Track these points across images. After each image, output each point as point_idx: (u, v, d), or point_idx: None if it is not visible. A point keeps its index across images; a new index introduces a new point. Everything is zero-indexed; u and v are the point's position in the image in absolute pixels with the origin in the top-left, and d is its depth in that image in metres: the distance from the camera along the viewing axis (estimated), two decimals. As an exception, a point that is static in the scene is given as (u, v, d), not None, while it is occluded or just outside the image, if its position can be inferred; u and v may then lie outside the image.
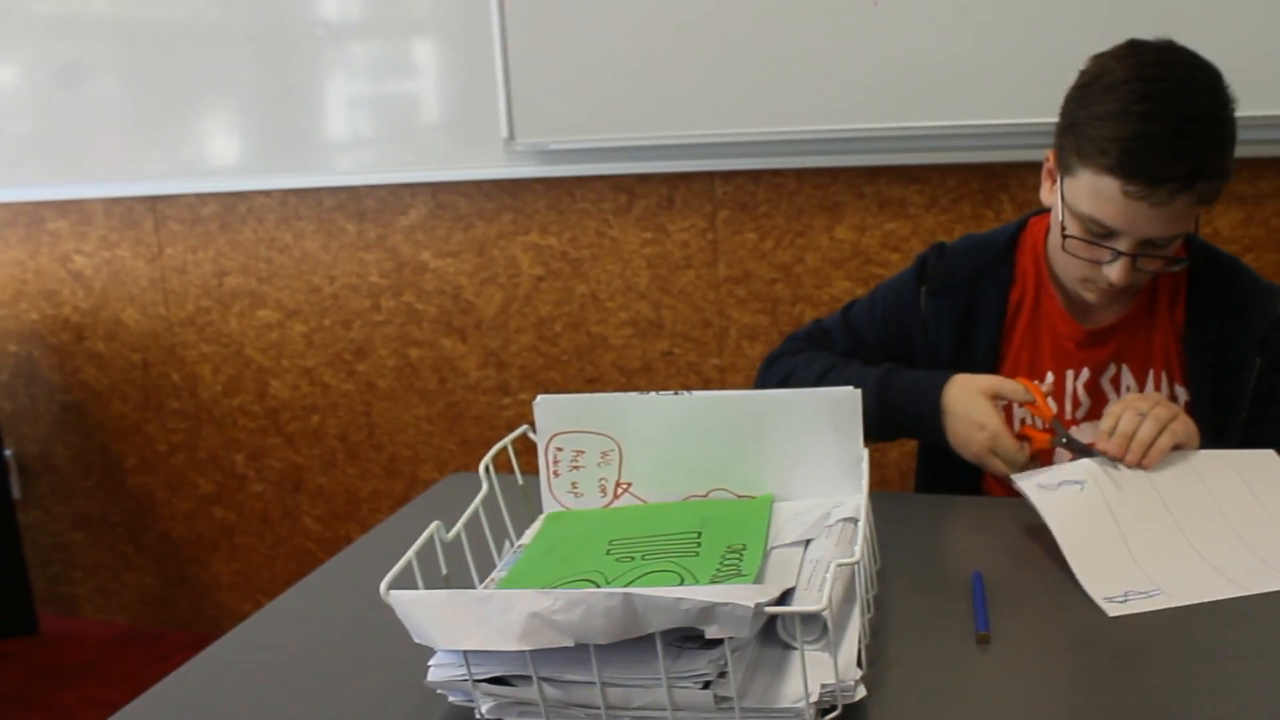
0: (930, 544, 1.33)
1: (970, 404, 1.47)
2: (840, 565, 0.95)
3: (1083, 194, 1.40)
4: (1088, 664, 1.03)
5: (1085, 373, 1.57)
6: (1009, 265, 1.62)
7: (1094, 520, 1.28)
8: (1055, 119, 2.20)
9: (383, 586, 0.91)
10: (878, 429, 1.56)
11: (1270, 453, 1.38)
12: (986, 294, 1.61)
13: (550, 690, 0.91)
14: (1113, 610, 1.12)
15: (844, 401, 1.21)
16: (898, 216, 2.37)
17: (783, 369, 1.67)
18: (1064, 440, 1.42)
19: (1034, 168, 2.24)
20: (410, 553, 0.98)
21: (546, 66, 2.40)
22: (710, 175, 2.45)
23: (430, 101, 2.57)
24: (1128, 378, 1.57)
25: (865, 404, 1.54)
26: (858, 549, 0.96)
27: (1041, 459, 1.46)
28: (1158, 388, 1.56)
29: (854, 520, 1.12)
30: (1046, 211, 1.58)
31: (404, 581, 0.93)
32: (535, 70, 2.40)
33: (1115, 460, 1.36)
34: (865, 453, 1.21)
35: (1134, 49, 1.41)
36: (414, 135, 2.59)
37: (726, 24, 2.27)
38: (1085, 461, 1.35)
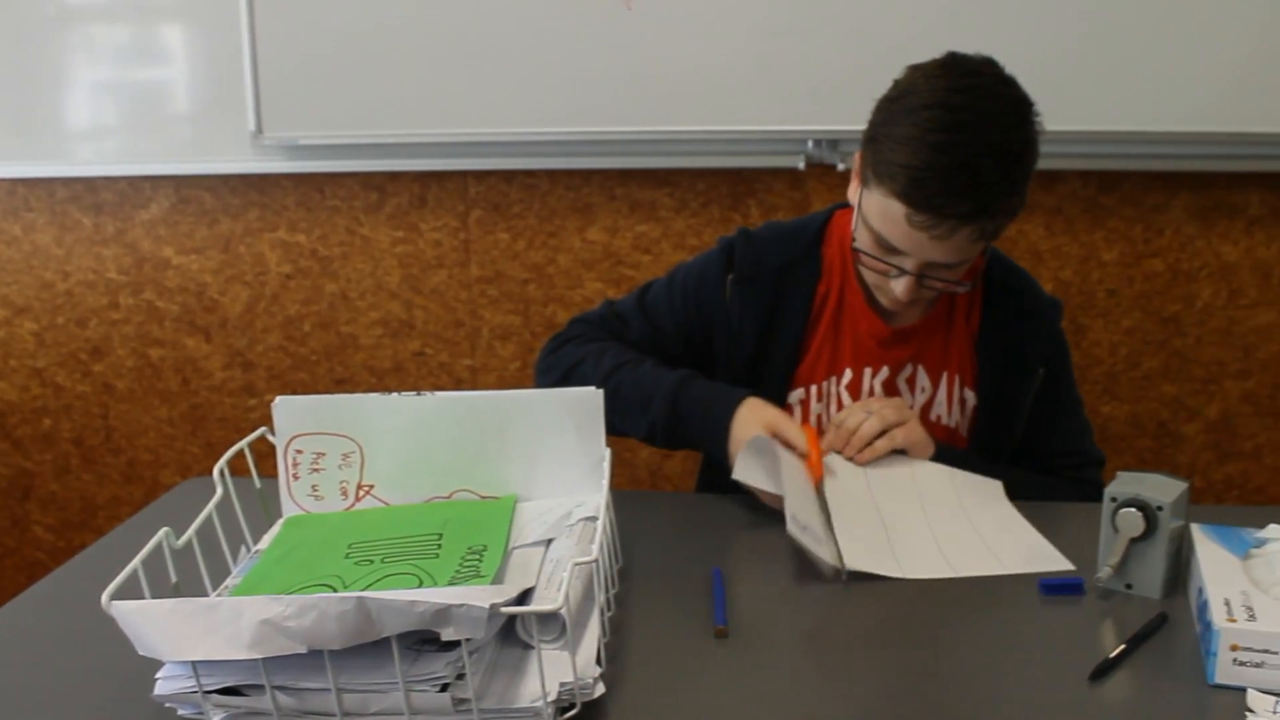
0: (674, 541, 1.35)
1: (753, 432, 1.42)
2: (578, 564, 0.96)
3: (874, 210, 1.41)
4: (821, 653, 1.07)
5: (884, 371, 1.59)
6: (816, 258, 1.60)
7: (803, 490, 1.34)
8: (804, 128, 2.28)
9: (104, 597, 0.87)
10: (664, 437, 1.52)
11: (996, 483, 1.45)
12: (793, 287, 1.59)
13: (284, 699, 0.89)
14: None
15: (586, 401, 1.22)
16: (649, 219, 2.40)
17: (569, 358, 1.60)
18: (823, 500, 1.39)
19: (780, 174, 2.33)
20: (135, 561, 0.95)
21: (297, 58, 2.34)
22: (463, 174, 2.44)
23: (174, 90, 2.46)
24: (923, 378, 1.60)
25: (655, 410, 1.50)
26: (595, 547, 0.97)
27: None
28: (950, 390, 1.60)
29: (595, 519, 1.14)
30: (851, 206, 1.55)
31: (129, 591, 0.90)
32: (285, 62, 2.34)
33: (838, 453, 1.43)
34: (607, 452, 1.22)
35: (947, 68, 1.39)
36: (156, 125, 2.48)
37: (481, 23, 2.27)
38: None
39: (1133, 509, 1.16)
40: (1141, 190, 2.29)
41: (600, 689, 0.95)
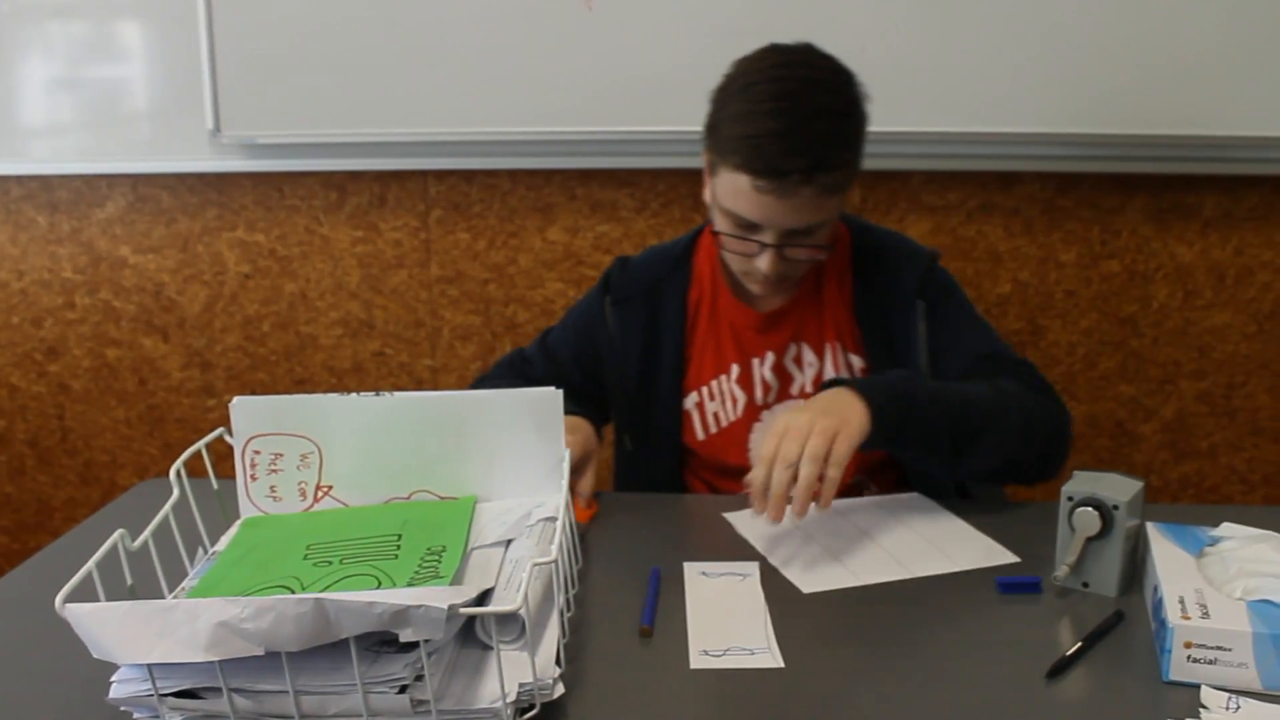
0: (634, 541, 1.35)
1: None
2: (537, 565, 0.96)
3: (724, 191, 1.47)
4: (780, 652, 1.07)
5: (770, 357, 1.63)
6: (686, 270, 1.68)
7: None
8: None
9: (58, 600, 0.87)
10: None
11: (916, 495, 1.49)
12: (668, 300, 1.66)
13: (241, 701, 0.89)
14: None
15: (545, 402, 1.22)
16: (610, 219, 2.40)
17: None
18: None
19: (739, 174, 2.31)
20: (90, 563, 0.94)
21: (256, 56, 2.32)
22: (423, 174, 2.43)
23: (131, 88, 2.44)
24: (809, 355, 1.63)
25: None
26: (555, 548, 0.97)
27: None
28: (835, 358, 1.62)
29: (554, 520, 1.14)
30: None
31: (84, 594, 0.89)
32: (244, 59, 2.32)
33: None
34: (566, 453, 1.22)
35: (769, 52, 1.49)
36: (113, 123, 2.45)
37: (441, 22, 2.26)
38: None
39: (1089, 508, 1.17)
40: (1099, 192, 2.31)
41: (560, 689, 0.95)
